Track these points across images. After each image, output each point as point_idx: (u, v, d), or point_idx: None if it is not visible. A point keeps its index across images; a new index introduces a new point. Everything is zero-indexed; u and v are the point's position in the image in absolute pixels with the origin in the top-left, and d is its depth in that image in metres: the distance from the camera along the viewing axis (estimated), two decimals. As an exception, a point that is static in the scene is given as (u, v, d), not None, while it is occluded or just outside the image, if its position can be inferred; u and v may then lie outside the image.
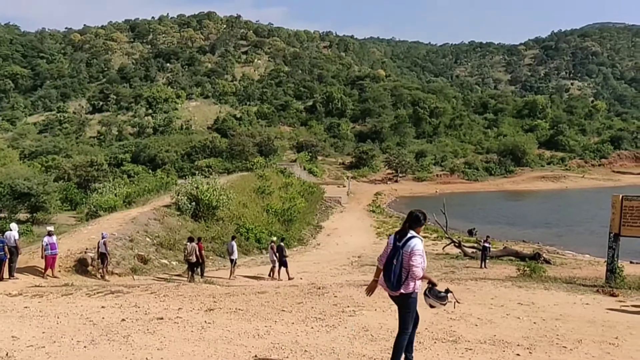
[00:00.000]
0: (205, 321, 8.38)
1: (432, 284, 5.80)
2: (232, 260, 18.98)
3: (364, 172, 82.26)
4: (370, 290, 6.20)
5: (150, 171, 72.61)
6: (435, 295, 5.74)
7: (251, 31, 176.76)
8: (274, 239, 21.11)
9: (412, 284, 5.70)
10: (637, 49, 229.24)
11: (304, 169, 70.84)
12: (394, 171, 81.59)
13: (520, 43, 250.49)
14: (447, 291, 5.77)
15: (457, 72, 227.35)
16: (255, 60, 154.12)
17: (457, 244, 26.81)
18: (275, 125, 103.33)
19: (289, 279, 18.40)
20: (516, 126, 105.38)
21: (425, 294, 5.79)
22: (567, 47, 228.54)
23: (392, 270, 5.76)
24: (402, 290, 5.71)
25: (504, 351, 6.84)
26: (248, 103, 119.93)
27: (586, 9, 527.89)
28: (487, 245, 22.43)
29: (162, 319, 8.53)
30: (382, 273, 5.94)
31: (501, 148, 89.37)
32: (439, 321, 8.24)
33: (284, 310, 9.27)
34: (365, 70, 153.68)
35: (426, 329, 7.69)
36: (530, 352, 6.86)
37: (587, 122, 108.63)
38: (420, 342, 6.91)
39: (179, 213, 26.12)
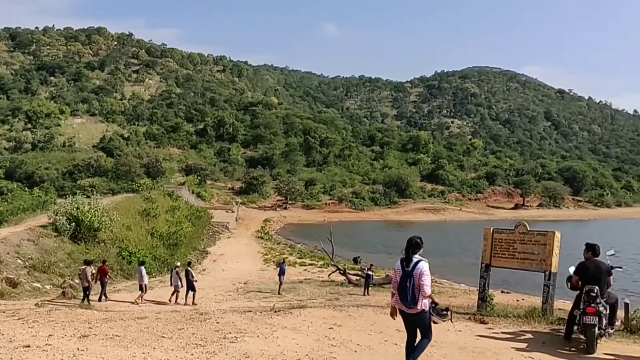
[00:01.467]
0: (78, 348, 7.90)
1: (434, 303, 6.96)
2: (141, 286, 18.44)
3: (254, 198, 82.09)
4: (393, 313, 7.33)
5: (26, 189, 68.03)
6: (437, 313, 6.93)
7: (143, 50, 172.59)
8: (178, 264, 20.66)
9: (424, 301, 6.88)
10: (511, 92, 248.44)
11: (192, 192, 69.50)
12: (283, 198, 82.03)
13: (407, 80, 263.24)
14: (447, 309, 7.04)
15: (347, 104, 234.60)
16: (147, 80, 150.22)
17: (342, 272, 27.29)
18: (164, 146, 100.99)
19: (193, 304, 17.89)
20: (401, 159, 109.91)
21: (429, 311, 6.93)
22: (449, 87, 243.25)
23: (407, 292, 6.88)
24: (418, 308, 6.86)
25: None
26: (137, 123, 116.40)
27: (467, 53, 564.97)
28: (370, 273, 22.99)
29: (28, 346, 7.94)
30: (396, 296, 7.08)
31: (386, 179, 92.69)
32: (320, 347, 8.32)
33: (163, 337, 8.96)
34: (258, 97, 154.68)
35: (307, 355, 7.73)
36: (404, 378, 7.10)
37: (465, 158, 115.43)
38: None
39: (56, 234, 24.64)
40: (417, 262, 6.93)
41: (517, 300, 17.57)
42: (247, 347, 8.27)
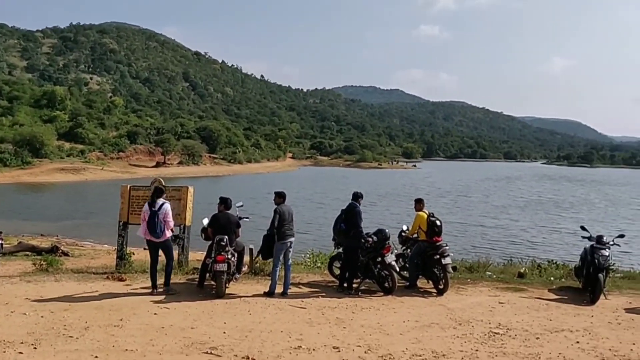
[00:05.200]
0: None
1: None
2: None
3: None
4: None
5: None
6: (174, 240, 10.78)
7: None
8: None
9: (167, 232, 9.97)
10: (150, 51, 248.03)
11: None
12: None
13: (38, 30, 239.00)
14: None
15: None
16: None
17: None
18: None
19: None
20: (34, 116, 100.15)
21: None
22: (86, 41, 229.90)
23: (155, 226, 9.78)
24: (164, 237, 9.99)
25: (4, 352, 6.44)
26: None
27: (105, 6, 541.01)
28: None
29: None
30: (146, 230, 9.85)
31: (17, 138, 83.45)
32: None
33: None
34: None
35: None
36: (35, 348, 6.65)
37: (106, 116, 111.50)
38: None
39: None
40: (162, 203, 9.85)
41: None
42: None
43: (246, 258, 11.80)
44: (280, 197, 10.56)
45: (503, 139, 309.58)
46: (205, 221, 10.90)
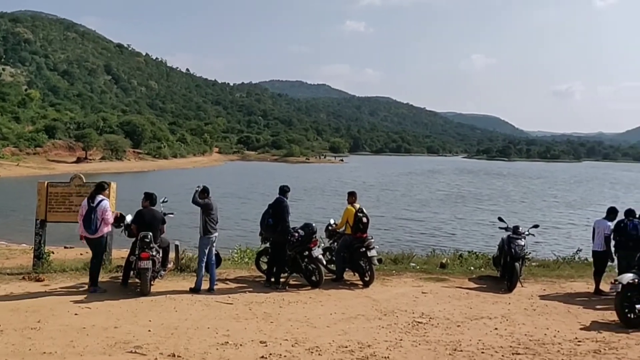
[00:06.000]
0: None
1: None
2: None
3: None
4: (81, 238, 9.88)
5: None
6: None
7: None
8: None
9: (104, 229, 9.81)
10: (68, 42, 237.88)
11: None
12: None
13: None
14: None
15: None
16: None
17: None
18: None
19: None
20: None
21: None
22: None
23: (91, 222, 9.57)
24: (98, 234, 9.71)
25: None
26: None
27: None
28: None
29: None
30: (82, 226, 9.60)
31: None
32: None
33: None
34: None
35: None
36: (-57, 354, 6.31)
37: (22, 110, 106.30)
38: None
39: None
40: (101, 200, 9.75)
41: (81, 254, 17.37)
42: None
43: (171, 254, 11.62)
44: (204, 192, 10.48)
45: (426, 134, 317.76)
46: (129, 218, 10.63)
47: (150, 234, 9.91)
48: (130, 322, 7.96)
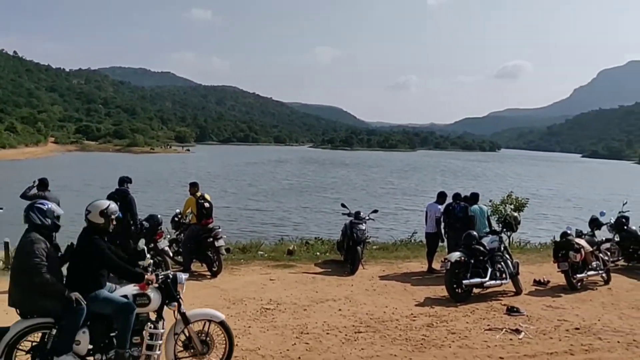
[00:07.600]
0: None
1: None
2: None
3: None
4: None
5: None
6: None
7: None
8: None
9: None
10: None
11: None
12: None
13: None
14: None
15: None
16: None
17: None
18: None
19: None
20: None
21: None
22: None
23: None
24: None
25: None
26: None
27: None
28: None
29: None
30: None
31: None
32: None
33: None
34: None
35: None
36: None
37: None
38: None
39: None
40: None
41: None
42: None
43: (1, 253, 10.71)
44: (42, 185, 9.84)
45: (273, 123, 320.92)
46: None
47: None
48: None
